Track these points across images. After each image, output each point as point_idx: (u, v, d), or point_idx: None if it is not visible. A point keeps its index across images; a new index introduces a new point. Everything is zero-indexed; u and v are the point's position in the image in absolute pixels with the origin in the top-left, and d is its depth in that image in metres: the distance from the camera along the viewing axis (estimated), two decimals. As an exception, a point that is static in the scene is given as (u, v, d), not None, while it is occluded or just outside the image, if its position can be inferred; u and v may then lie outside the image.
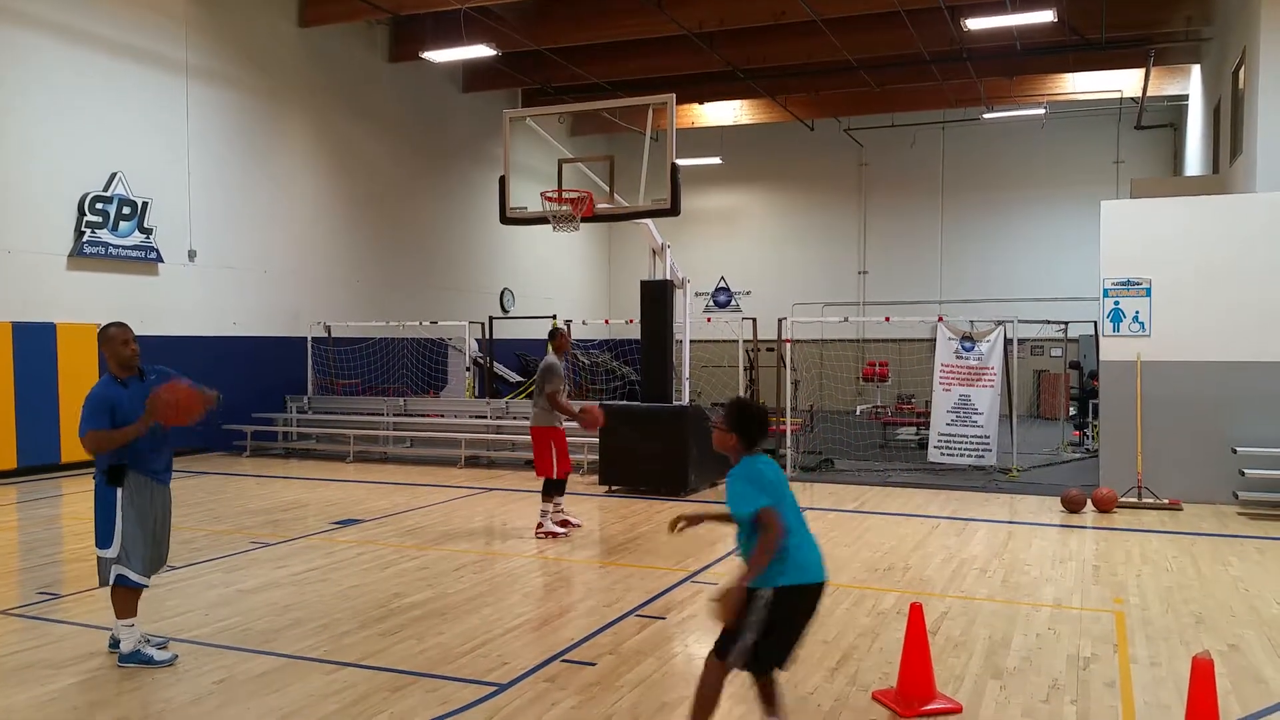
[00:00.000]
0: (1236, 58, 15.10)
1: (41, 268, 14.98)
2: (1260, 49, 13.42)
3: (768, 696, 4.71)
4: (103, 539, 5.96)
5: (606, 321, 23.12)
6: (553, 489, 10.19)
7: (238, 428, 17.20)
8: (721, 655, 4.42)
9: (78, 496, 12.67)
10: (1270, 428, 11.63)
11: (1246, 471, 11.23)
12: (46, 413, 14.47)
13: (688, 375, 13.79)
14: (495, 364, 21.20)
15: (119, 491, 5.94)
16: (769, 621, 4.32)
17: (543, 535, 9.99)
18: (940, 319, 15.01)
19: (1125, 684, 5.67)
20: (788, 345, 15.32)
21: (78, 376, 14.63)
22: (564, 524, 10.28)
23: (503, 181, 13.35)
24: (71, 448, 14.50)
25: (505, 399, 18.08)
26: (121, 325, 6.12)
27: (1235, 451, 11.50)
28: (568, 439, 10.46)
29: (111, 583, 5.96)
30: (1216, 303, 11.97)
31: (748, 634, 4.34)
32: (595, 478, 13.50)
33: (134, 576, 5.98)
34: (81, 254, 15.38)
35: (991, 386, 14.27)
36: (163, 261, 16.70)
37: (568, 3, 19.98)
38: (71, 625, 6.85)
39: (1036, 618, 6.95)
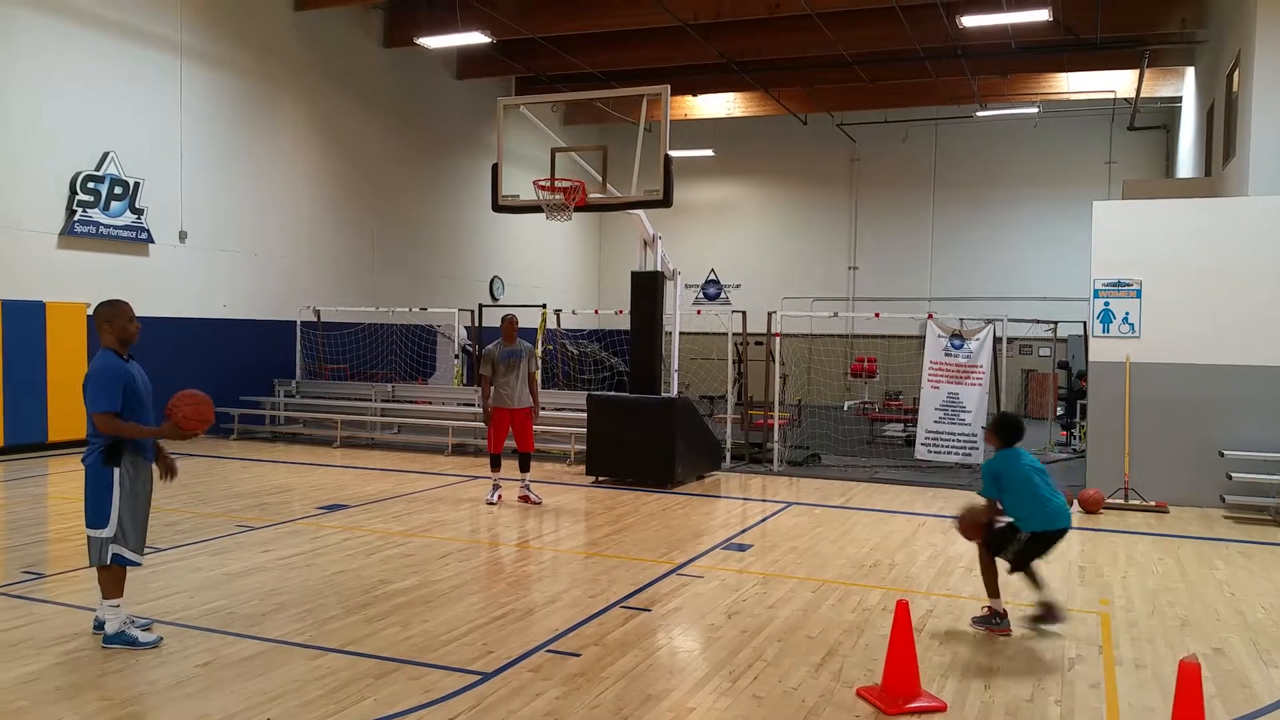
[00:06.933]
0: (1231, 61, 15.12)
1: (32, 246, 14.88)
2: (1255, 52, 13.43)
3: (1031, 579, 6.78)
4: (97, 519, 5.90)
5: (596, 311, 23.08)
6: (493, 462, 11.50)
7: (224, 410, 17.10)
8: (992, 551, 6.85)
9: (64, 476, 12.61)
10: (1257, 432, 11.66)
11: (1234, 475, 11.27)
12: (35, 391, 14.40)
13: (676, 367, 13.77)
14: (484, 352, 21.12)
15: (115, 471, 5.91)
16: (1022, 549, 6.75)
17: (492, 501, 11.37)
18: (930, 316, 15.02)
19: (1110, 686, 5.69)
20: (777, 339, 15.31)
21: (66, 355, 14.59)
22: (523, 497, 11.44)
23: (495, 169, 13.30)
24: (59, 427, 14.47)
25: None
26: (125, 302, 6.10)
27: (1223, 455, 11.51)
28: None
29: (109, 562, 5.92)
30: (1207, 306, 11.99)
31: (1009, 551, 6.79)
32: (582, 468, 13.49)
33: (131, 555, 5.97)
34: (72, 233, 15.29)
35: (980, 385, 14.30)
36: (153, 242, 16.60)
37: (563, -9, 19.94)
38: (56, 605, 6.81)
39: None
